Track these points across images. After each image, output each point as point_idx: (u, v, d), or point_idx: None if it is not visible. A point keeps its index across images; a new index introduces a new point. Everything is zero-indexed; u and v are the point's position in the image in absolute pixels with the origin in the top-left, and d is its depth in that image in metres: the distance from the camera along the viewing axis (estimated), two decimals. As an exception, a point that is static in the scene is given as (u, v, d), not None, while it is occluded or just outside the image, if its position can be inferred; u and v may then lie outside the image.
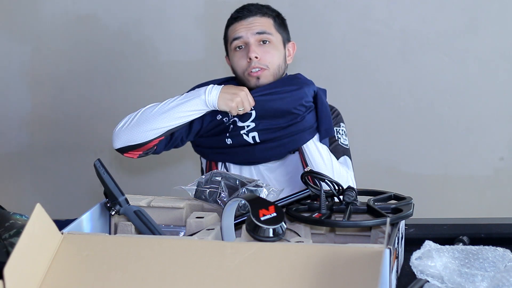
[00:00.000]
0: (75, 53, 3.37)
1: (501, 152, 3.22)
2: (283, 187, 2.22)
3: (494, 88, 3.19)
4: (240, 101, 2.06)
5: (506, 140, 3.22)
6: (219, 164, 2.23)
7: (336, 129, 2.22)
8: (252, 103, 2.09)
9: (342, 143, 2.23)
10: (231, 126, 2.13)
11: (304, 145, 2.12)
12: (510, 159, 3.22)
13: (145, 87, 3.35)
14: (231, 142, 2.14)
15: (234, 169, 2.22)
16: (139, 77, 3.36)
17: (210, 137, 2.16)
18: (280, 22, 2.23)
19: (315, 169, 2.08)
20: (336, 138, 2.22)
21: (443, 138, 3.24)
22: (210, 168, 2.25)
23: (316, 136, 2.14)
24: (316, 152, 2.12)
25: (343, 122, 2.29)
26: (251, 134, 2.12)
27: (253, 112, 2.11)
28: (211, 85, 2.09)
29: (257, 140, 2.12)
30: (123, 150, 2.13)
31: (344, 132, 2.26)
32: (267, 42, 2.17)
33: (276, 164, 2.23)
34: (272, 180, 2.22)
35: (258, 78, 2.15)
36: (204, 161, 2.30)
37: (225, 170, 2.21)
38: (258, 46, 2.16)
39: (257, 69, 2.15)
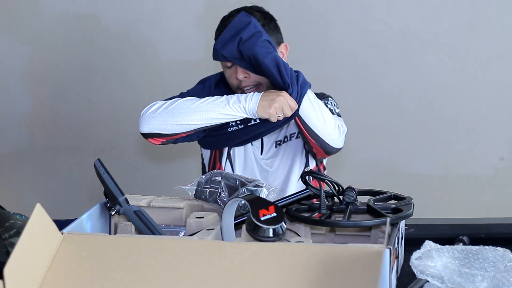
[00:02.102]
0: (75, 53, 3.37)
1: (501, 152, 3.22)
2: (286, 174, 2.23)
3: (494, 88, 3.19)
4: (278, 106, 2.01)
5: (506, 140, 3.22)
6: (224, 157, 2.23)
7: (325, 102, 2.20)
8: (295, 106, 2.05)
9: (332, 109, 2.21)
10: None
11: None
12: (510, 159, 3.22)
13: (145, 87, 3.35)
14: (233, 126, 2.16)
15: (238, 160, 2.22)
16: (139, 77, 3.36)
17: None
18: (266, 29, 2.16)
19: (311, 125, 2.08)
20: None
21: (443, 138, 3.24)
22: (213, 161, 2.25)
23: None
24: (311, 109, 2.09)
25: (331, 98, 2.27)
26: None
27: None
28: (251, 93, 2.06)
29: (258, 120, 2.12)
30: (148, 135, 2.10)
31: (335, 104, 2.24)
32: None
33: (277, 157, 2.24)
34: (274, 172, 2.23)
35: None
36: (207, 154, 2.30)
37: (229, 164, 2.22)
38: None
39: (249, 87, 2.15)
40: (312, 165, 2.28)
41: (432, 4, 3.17)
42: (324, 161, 2.35)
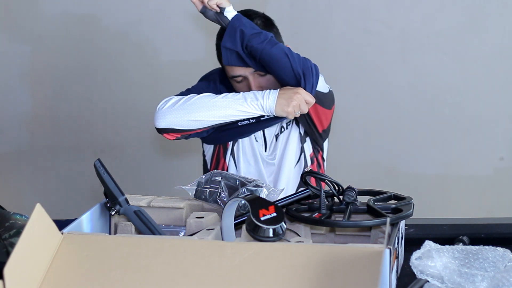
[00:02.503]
0: (75, 53, 3.37)
1: (501, 152, 3.22)
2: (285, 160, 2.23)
3: (494, 88, 3.19)
4: (296, 104, 2.03)
5: (506, 140, 3.22)
6: (228, 153, 2.22)
7: None
8: (312, 101, 2.07)
9: None
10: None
11: None
12: (510, 159, 3.22)
13: (145, 87, 3.35)
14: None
15: (243, 156, 2.22)
16: (139, 77, 3.36)
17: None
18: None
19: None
20: None
21: (443, 138, 3.24)
22: (217, 157, 2.25)
23: None
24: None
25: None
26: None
27: None
28: (268, 90, 2.06)
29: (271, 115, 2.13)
30: (164, 131, 2.09)
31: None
32: (267, 72, 2.13)
33: (277, 148, 2.23)
34: (276, 162, 2.23)
35: None
36: (209, 151, 2.29)
37: (232, 160, 2.22)
38: (258, 78, 2.13)
39: None
40: (309, 151, 2.27)
41: (432, 4, 3.17)
42: (325, 154, 2.34)
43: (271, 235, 1.38)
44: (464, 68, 3.18)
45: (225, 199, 1.66)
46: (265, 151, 2.25)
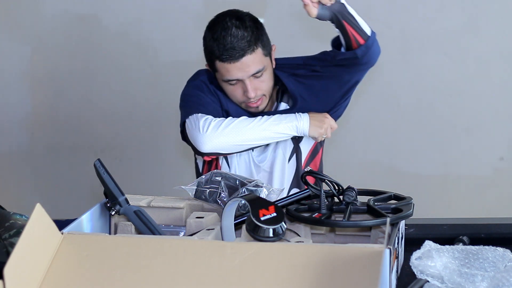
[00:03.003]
0: (75, 53, 3.37)
1: (501, 152, 3.22)
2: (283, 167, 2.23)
3: (494, 88, 3.19)
4: (326, 128, 2.13)
5: (506, 140, 3.22)
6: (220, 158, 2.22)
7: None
8: (336, 127, 2.17)
9: None
10: None
11: None
12: (510, 159, 3.22)
13: (145, 87, 3.34)
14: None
15: (236, 157, 2.21)
16: (139, 77, 3.35)
17: None
18: (263, 39, 2.14)
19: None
20: None
21: (443, 138, 3.24)
22: (209, 162, 2.24)
23: None
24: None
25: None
26: None
27: None
28: (298, 113, 2.12)
29: None
30: (207, 154, 2.10)
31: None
32: (262, 74, 2.13)
33: (268, 151, 2.22)
34: (265, 165, 2.23)
35: (257, 106, 2.16)
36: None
37: (225, 163, 2.22)
38: (253, 80, 2.12)
39: (256, 100, 2.15)
40: (309, 146, 2.26)
41: (432, 4, 3.17)
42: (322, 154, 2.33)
43: (271, 235, 1.38)
44: (464, 68, 3.18)
45: (225, 199, 1.66)
46: (252, 150, 2.24)
